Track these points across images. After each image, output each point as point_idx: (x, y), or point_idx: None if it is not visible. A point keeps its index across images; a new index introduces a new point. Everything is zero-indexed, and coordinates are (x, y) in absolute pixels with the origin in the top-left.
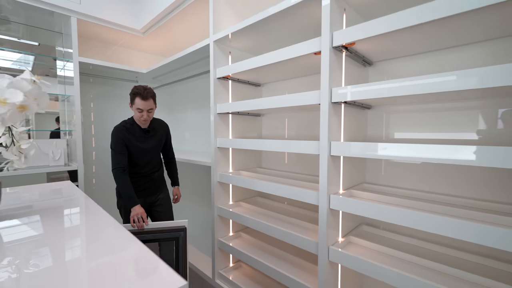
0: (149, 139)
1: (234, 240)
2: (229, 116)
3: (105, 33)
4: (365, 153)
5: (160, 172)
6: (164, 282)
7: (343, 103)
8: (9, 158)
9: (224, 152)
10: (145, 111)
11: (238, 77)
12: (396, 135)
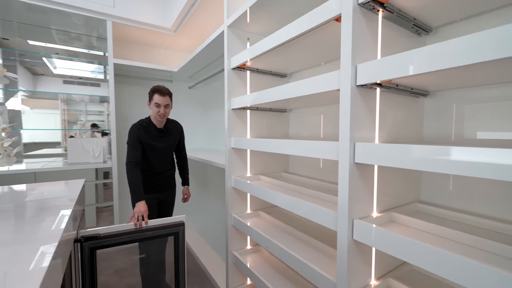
0: (163, 138)
1: (252, 255)
2: (247, 112)
3: (138, 34)
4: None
5: (172, 172)
6: None
7: (377, 86)
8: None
9: (240, 154)
10: (162, 106)
11: (257, 67)
12: (471, 134)
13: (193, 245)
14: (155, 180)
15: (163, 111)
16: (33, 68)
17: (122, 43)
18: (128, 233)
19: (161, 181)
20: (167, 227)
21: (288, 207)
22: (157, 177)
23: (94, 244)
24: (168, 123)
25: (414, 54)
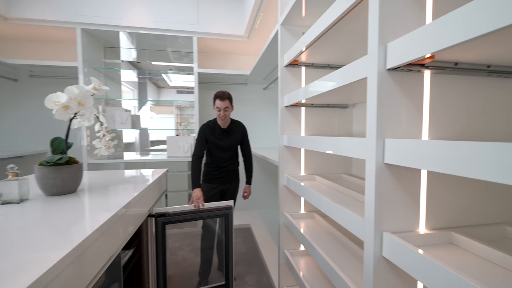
0: (226, 137)
1: (304, 258)
2: (301, 109)
3: (217, 45)
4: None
5: (234, 166)
6: None
7: (421, 68)
8: (97, 146)
9: (293, 152)
10: (222, 109)
11: (313, 60)
12: None
13: (259, 238)
14: (219, 173)
15: (223, 113)
16: (157, 83)
17: (204, 54)
18: (189, 213)
19: (224, 173)
20: (218, 209)
21: (325, 210)
22: (221, 170)
23: (164, 220)
24: (232, 123)
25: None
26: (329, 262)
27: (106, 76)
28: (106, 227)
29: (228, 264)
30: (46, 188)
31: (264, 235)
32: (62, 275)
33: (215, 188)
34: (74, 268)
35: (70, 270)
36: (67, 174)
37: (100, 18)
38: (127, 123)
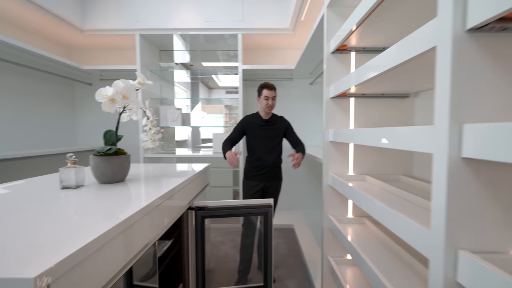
0: (267, 128)
1: (353, 268)
2: (349, 100)
3: (261, 40)
4: None
5: (277, 163)
6: None
7: None
8: (144, 139)
9: (340, 148)
10: (270, 98)
11: (365, 44)
12: None
13: (303, 240)
14: (260, 169)
15: (271, 102)
16: (208, 84)
17: (248, 51)
18: (227, 208)
19: (266, 169)
20: (257, 207)
21: (378, 217)
22: (261, 166)
23: (203, 213)
24: (274, 117)
25: None
26: (382, 279)
27: (161, 78)
28: (145, 212)
29: (267, 265)
30: (98, 176)
31: (307, 237)
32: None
33: (256, 185)
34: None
35: (114, 243)
36: (116, 164)
37: (155, 23)
38: (178, 120)
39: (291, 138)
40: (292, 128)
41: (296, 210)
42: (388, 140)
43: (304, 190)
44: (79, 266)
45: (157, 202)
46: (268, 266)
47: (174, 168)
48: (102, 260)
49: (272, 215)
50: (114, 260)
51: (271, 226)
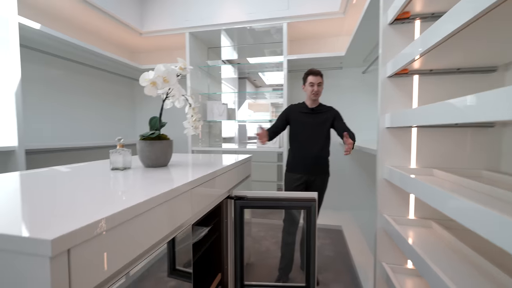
0: (312, 116)
1: (414, 279)
2: (413, 79)
3: (308, 28)
4: None
5: (323, 155)
6: None
7: None
8: (186, 126)
9: (399, 135)
10: (316, 84)
11: (433, 9)
12: None
13: (352, 243)
14: (303, 160)
15: (317, 89)
16: (254, 82)
17: (294, 42)
18: (267, 200)
19: (309, 160)
20: (300, 200)
21: (459, 218)
22: (305, 155)
23: (242, 203)
24: (321, 106)
25: None
26: None
27: (208, 75)
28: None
29: (310, 264)
30: (143, 160)
31: (357, 239)
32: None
33: (298, 178)
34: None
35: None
36: (159, 148)
37: (203, 20)
38: (224, 115)
39: (339, 127)
40: (341, 118)
41: (344, 210)
42: (474, 112)
43: (354, 189)
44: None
45: (195, 182)
46: (311, 265)
47: (219, 158)
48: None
49: (316, 210)
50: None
51: (315, 222)
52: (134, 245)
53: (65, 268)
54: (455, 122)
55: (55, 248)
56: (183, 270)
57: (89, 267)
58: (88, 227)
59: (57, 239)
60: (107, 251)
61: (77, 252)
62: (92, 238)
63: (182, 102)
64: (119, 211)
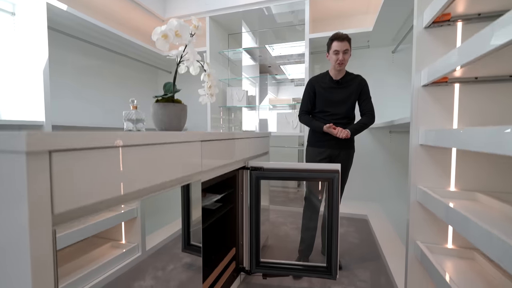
0: (338, 90)
1: (454, 260)
2: (454, 88)
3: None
4: None
5: (349, 124)
6: None
7: None
8: (201, 94)
9: (435, 154)
10: (341, 52)
11: (480, 9)
12: None
13: (378, 231)
14: (326, 133)
15: (342, 57)
16: (275, 77)
17: (317, 22)
18: (285, 170)
19: (331, 136)
20: (322, 171)
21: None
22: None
23: (258, 174)
24: (347, 75)
25: None
26: None
27: (230, 63)
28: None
29: (331, 243)
30: (157, 123)
31: (384, 227)
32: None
33: (321, 153)
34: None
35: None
36: (172, 111)
37: (223, 2)
38: (243, 100)
39: (363, 104)
40: (368, 92)
41: (370, 201)
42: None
43: (382, 179)
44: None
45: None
46: (333, 245)
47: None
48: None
49: (339, 183)
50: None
51: (337, 196)
52: (133, 177)
53: (45, 173)
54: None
55: (31, 144)
56: (196, 245)
57: (81, 180)
58: (76, 135)
59: (34, 134)
60: (99, 173)
61: (61, 158)
62: (81, 150)
63: (197, 69)
64: (115, 133)
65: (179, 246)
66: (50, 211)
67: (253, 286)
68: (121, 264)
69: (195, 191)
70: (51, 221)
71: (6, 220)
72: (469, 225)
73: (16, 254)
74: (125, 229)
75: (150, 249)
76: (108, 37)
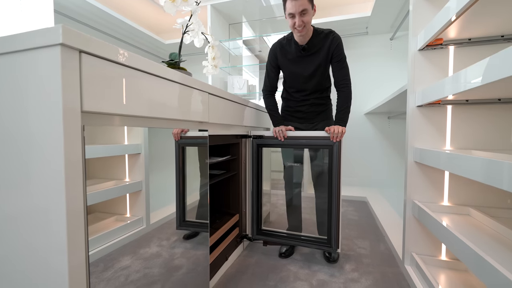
0: (304, 60)
1: (450, 216)
2: (446, 109)
3: None
4: None
5: (322, 97)
6: None
7: None
8: (205, 65)
9: (428, 172)
10: (297, 14)
11: (470, 35)
12: None
13: (377, 209)
14: (295, 106)
15: (299, 21)
16: None
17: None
18: (287, 138)
19: (304, 107)
20: (321, 138)
21: (479, 273)
22: (298, 104)
23: (259, 141)
24: (315, 36)
25: None
26: None
27: (231, 57)
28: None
29: (332, 214)
30: None
31: (383, 207)
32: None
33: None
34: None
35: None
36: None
37: None
38: (244, 88)
39: (336, 70)
40: (341, 54)
41: (370, 187)
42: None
43: (381, 164)
44: None
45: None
46: (333, 214)
47: None
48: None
49: (339, 149)
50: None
51: (338, 163)
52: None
53: (76, 71)
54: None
55: (66, 37)
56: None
57: (104, 89)
58: (108, 46)
59: (68, 31)
60: (124, 86)
61: (90, 61)
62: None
63: (201, 41)
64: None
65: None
66: (80, 106)
67: (256, 252)
68: (125, 235)
69: (202, 147)
70: (80, 116)
71: (41, 113)
72: (461, 246)
73: (49, 142)
74: (130, 204)
75: (154, 223)
76: (111, 23)
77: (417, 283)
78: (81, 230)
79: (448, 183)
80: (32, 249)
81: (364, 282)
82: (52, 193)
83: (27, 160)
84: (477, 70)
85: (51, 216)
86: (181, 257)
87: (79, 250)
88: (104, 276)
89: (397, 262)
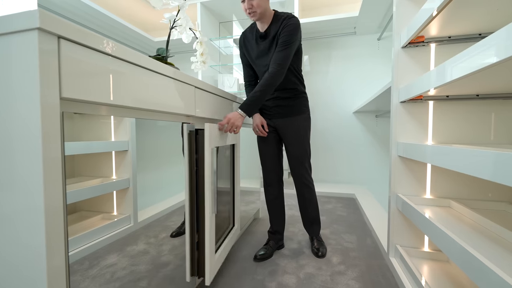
0: (261, 47)
1: (432, 208)
2: (428, 105)
3: None
4: None
5: (291, 93)
6: None
7: None
8: (193, 61)
9: (411, 165)
10: (247, 0)
11: (450, 33)
12: None
13: (366, 207)
14: (271, 104)
15: (248, 4)
16: None
17: (305, 12)
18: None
19: (268, 102)
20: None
21: (470, 273)
22: (268, 98)
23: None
24: (275, 21)
25: None
26: None
27: (221, 56)
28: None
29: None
30: None
31: (371, 204)
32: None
33: (269, 125)
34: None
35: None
36: None
37: None
38: (234, 87)
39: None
40: (286, 36)
41: (359, 184)
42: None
43: (369, 162)
44: None
45: (200, 84)
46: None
47: None
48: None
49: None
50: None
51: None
52: (134, 94)
53: (54, 57)
54: (479, 176)
55: (44, 22)
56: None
57: (85, 77)
58: (89, 34)
59: (46, 15)
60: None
61: (69, 48)
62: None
63: (189, 36)
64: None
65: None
66: (58, 92)
67: (245, 247)
68: (111, 233)
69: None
70: (59, 102)
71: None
72: (442, 237)
73: (27, 127)
74: (117, 202)
75: (142, 221)
76: (98, 20)
77: (401, 274)
78: (60, 229)
79: (430, 176)
80: (12, 250)
81: (350, 274)
82: (30, 187)
83: (3, 147)
84: (452, 65)
85: (22, 212)
86: (169, 254)
87: (59, 249)
88: (89, 274)
89: (382, 254)
